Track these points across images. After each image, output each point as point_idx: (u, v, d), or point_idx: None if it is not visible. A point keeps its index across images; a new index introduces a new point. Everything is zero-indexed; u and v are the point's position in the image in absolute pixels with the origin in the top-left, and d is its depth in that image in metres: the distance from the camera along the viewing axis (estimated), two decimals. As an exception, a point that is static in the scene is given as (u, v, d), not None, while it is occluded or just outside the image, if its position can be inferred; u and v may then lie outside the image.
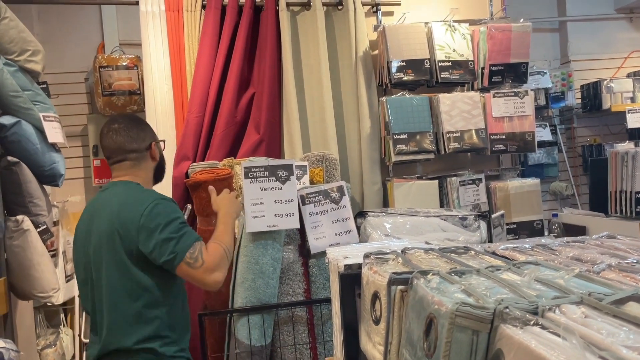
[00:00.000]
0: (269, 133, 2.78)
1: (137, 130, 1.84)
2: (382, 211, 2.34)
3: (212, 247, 1.71)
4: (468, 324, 0.61)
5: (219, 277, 1.69)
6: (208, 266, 1.65)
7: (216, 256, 1.68)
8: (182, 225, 1.69)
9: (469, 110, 2.81)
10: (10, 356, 2.06)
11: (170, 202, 1.76)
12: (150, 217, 1.66)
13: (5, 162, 2.21)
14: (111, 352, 1.68)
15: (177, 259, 1.63)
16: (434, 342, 0.66)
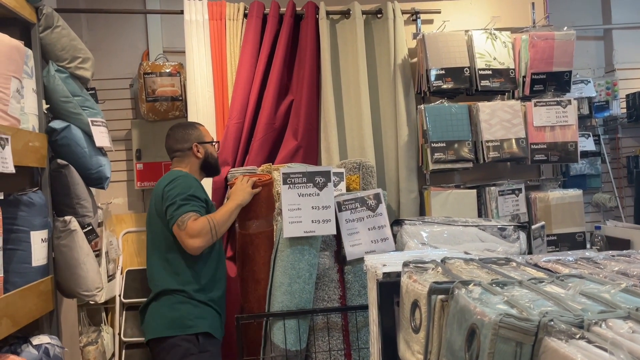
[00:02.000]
0: (306, 140, 2.81)
1: (182, 134, 2.36)
2: (418, 220, 2.33)
3: (201, 219, 2.09)
4: (512, 336, 0.61)
5: (196, 243, 2.07)
6: (188, 231, 2.06)
7: (198, 225, 2.06)
8: (190, 198, 2.12)
9: (509, 119, 2.77)
10: (55, 352, 2.14)
11: (190, 179, 2.21)
12: (169, 187, 2.16)
13: (55, 164, 2.31)
14: (157, 293, 2.17)
15: (172, 220, 2.09)
16: (476, 352, 0.66)
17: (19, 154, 1.99)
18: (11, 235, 2.06)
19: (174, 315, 2.11)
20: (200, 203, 2.16)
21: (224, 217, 2.17)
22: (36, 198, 2.16)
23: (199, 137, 2.37)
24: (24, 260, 2.09)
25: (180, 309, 2.11)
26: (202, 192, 2.23)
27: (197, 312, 2.12)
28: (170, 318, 2.11)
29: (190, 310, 2.11)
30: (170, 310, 2.12)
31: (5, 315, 1.86)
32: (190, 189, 2.16)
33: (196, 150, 2.33)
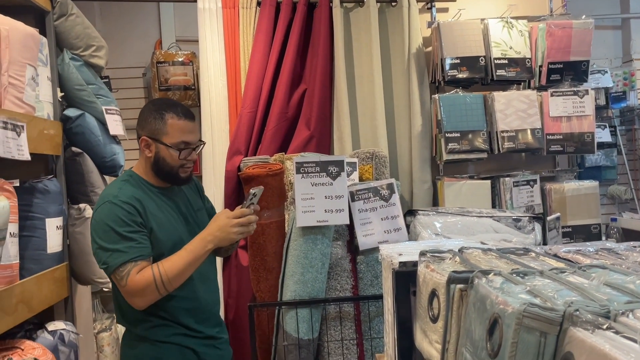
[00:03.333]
0: (319, 129, 2.80)
1: (142, 114, 1.79)
2: (432, 210, 2.32)
3: (146, 274, 1.61)
4: (536, 325, 0.60)
5: (137, 303, 1.64)
6: (128, 289, 1.61)
7: (140, 284, 1.60)
8: (118, 239, 1.62)
9: (525, 109, 2.73)
10: (70, 338, 2.17)
11: (116, 208, 1.64)
12: (93, 218, 1.70)
13: (70, 152, 2.32)
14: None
15: (106, 270, 1.64)
16: (499, 342, 0.65)
17: (34, 142, 2.00)
18: (27, 222, 2.07)
19: (130, 354, 1.77)
20: (132, 242, 1.62)
21: (180, 268, 1.63)
22: (51, 185, 2.17)
23: (155, 132, 1.72)
24: (39, 247, 2.11)
25: (137, 346, 1.74)
26: (134, 213, 1.65)
27: (151, 354, 1.72)
28: (128, 357, 1.78)
29: (144, 352, 1.73)
30: (127, 347, 1.79)
31: (21, 301, 1.89)
32: (116, 221, 1.62)
33: (143, 145, 1.74)
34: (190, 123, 1.76)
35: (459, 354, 0.81)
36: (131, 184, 1.76)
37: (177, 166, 1.75)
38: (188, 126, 1.75)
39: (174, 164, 1.74)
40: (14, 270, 1.92)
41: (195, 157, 1.79)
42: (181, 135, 1.73)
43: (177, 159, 1.73)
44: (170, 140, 1.72)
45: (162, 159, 1.74)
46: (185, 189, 1.88)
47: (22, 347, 1.93)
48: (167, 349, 1.71)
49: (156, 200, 1.76)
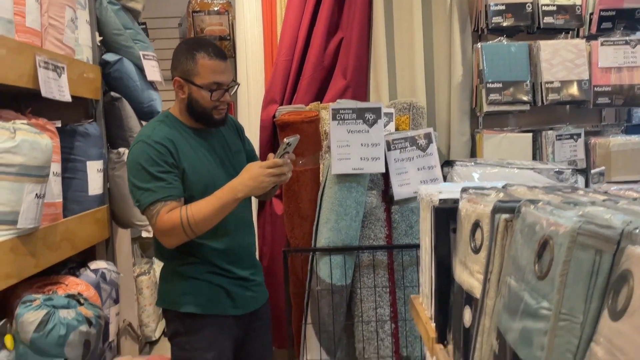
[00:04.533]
0: (355, 79, 2.74)
1: (175, 55, 1.77)
2: (470, 161, 2.26)
3: (174, 215, 1.63)
4: (591, 243, 0.57)
5: (167, 242, 1.68)
6: (157, 228, 1.66)
7: (168, 224, 1.63)
8: (149, 178, 1.64)
9: (572, 59, 2.61)
10: (111, 277, 2.24)
11: (149, 147, 1.66)
12: (128, 157, 1.73)
13: (109, 97, 2.35)
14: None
15: (139, 208, 1.69)
16: (548, 263, 0.63)
17: (74, 84, 2.02)
18: (68, 164, 2.13)
19: (166, 287, 1.83)
20: (162, 182, 1.65)
21: (207, 214, 1.63)
22: (91, 129, 2.21)
23: (187, 72, 1.70)
24: (81, 189, 2.17)
25: (172, 279, 1.81)
26: (166, 154, 1.67)
27: (184, 288, 1.77)
28: (164, 289, 1.85)
29: (177, 285, 1.78)
30: (163, 280, 1.87)
31: (64, 239, 1.95)
32: (148, 161, 1.65)
33: (176, 87, 1.75)
34: (222, 63, 1.73)
35: (502, 283, 0.79)
36: (166, 125, 1.77)
37: (210, 107, 1.73)
38: (220, 66, 1.72)
39: (206, 106, 1.73)
40: (57, 209, 1.98)
41: (229, 99, 1.76)
42: (212, 75, 1.70)
43: (209, 100, 1.71)
44: (201, 81, 1.70)
45: (195, 101, 1.73)
46: (224, 130, 1.87)
47: (66, 283, 2.01)
48: (198, 285, 1.76)
49: (190, 141, 1.77)
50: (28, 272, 1.70)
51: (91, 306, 1.83)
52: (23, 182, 1.61)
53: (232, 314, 1.80)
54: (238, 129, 1.97)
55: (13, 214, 1.60)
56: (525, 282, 0.69)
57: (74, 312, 1.73)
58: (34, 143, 1.64)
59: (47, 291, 1.88)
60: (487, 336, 0.82)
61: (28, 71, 1.74)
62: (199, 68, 1.70)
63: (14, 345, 1.64)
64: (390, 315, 2.21)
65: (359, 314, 2.21)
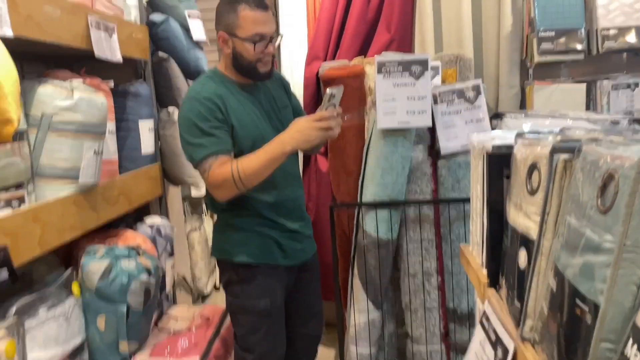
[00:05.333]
0: (400, 32, 2.69)
1: (217, 11, 1.77)
2: (521, 112, 2.20)
3: (225, 169, 1.67)
4: (660, 174, 0.56)
5: (219, 195, 1.73)
6: (210, 182, 1.72)
7: (220, 178, 1.67)
8: (199, 133, 1.68)
9: (631, 3, 2.46)
10: (166, 231, 2.34)
11: (198, 104, 1.70)
12: (179, 113, 1.78)
13: (157, 57, 2.39)
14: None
15: (193, 163, 1.75)
16: (612, 197, 0.62)
17: (123, 45, 2.07)
18: (121, 123, 2.20)
19: (220, 238, 1.90)
20: (213, 137, 1.69)
21: (256, 168, 1.66)
22: (142, 89, 2.27)
23: (229, 26, 1.71)
24: (134, 147, 2.25)
25: (225, 231, 1.88)
26: (215, 109, 1.70)
27: (237, 239, 1.83)
28: (218, 240, 1.92)
29: (230, 236, 1.85)
30: (217, 232, 1.93)
31: (121, 194, 2.04)
32: (198, 116, 1.69)
33: (221, 42, 1.76)
34: (263, 13, 1.72)
35: (560, 223, 0.79)
36: (214, 81, 1.80)
37: (255, 60, 1.74)
38: (262, 17, 1.71)
39: (250, 58, 1.73)
40: (113, 165, 2.07)
41: (272, 50, 1.76)
42: (254, 27, 1.70)
43: (253, 53, 1.72)
44: (244, 34, 1.71)
45: (239, 54, 1.74)
46: (271, 85, 1.89)
47: (125, 236, 2.12)
48: (250, 236, 1.83)
49: (238, 96, 1.79)
50: (90, 225, 1.80)
51: (149, 257, 1.93)
52: (82, 138, 1.69)
53: (283, 264, 1.87)
54: (284, 85, 1.99)
55: (74, 170, 1.68)
56: (586, 218, 0.68)
57: (134, 262, 1.83)
58: (91, 101, 1.70)
59: (109, 243, 1.99)
60: (543, 276, 0.82)
61: (81, 32, 1.79)
62: (241, 20, 1.70)
63: (81, 293, 1.75)
64: (436, 268, 2.23)
65: (405, 267, 2.23)
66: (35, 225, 1.47)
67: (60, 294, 1.61)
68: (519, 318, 0.88)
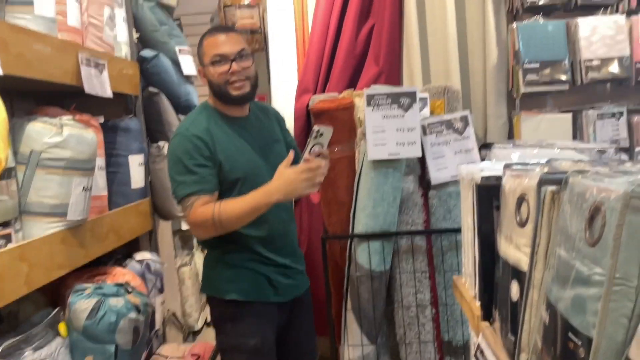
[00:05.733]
0: (388, 65, 2.73)
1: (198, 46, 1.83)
2: (509, 143, 2.23)
3: (206, 210, 1.67)
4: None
5: (196, 234, 1.82)
6: (190, 221, 1.74)
7: (200, 218, 1.69)
8: (184, 171, 1.70)
9: (612, 35, 2.52)
10: (156, 267, 2.31)
11: (186, 140, 1.72)
12: (168, 149, 1.82)
13: (147, 92, 2.41)
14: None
15: (176, 200, 1.79)
16: (600, 229, 0.62)
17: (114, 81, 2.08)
18: (111, 159, 2.19)
19: (210, 274, 1.89)
20: (196, 176, 1.70)
21: (238, 214, 1.67)
22: (132, 124, 2.28)
23: (200, 58, 1.81)
24: (124, 183, 2.24)
25: (215, 267, 1.86)
26: (202, 147, 1.71)
27: (227, 275, 1.81)
28: (208, 276, 1.91)
29: (220, 272, 1.83)
30: (207, 268, 1.92)
31: (111, 230, 2.02)
32: (185, 154, 1.70)
33: (201, 76, 1.85)
34: (222, 35, 1.77)
35: (550, 255, 0.78)
36: (204, 116, 1.82)
37: (222, 82, 1.75)
38: (220, 39, 1.76)
39: (217, 81, 1.75)
40: (103, 201, 2.05)
41: (237, 68, 1.74)
42: (214, 49, 1.75)
43: (217, 74, 1.74)
44: (207, 60, 1.77)
45: (210, 82, 1.79)
46: (263, 119, 1.91)
47: (113, 273, 2.08)
48: (241, 273, 1.81)
49: (227, 130, 1.80)
50: (78, 262, 1.77)
51: (139, 294, 1.89)
52: (71, 175, 1.67)
53: (274, 301, 1.84)
54: (279, 120, 2.01)
55: (63, 207, 1.66)
56: (575, 250, 0.68)
57: (123, 300, 1.79)
58: (80, 137, 1.70)
59: (97, 281, 1.95)
60: (535, 308, 0.82)
61: (72, 68, 1.80)
62: (204, 49, 1.78)
63: (68, 332, 1.71)
64: (430, 300, 2.21)
65: (399, 299, 2.21)
66: (22, 264, 1.44)
67: (47, 335, 1.57)
68: (513, 351, 0.87)
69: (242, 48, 1.77)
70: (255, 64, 1.83)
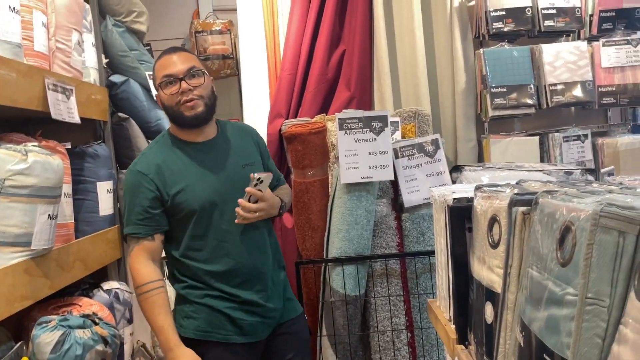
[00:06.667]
0: (360, 90, 2.76)
1: None
2: (479, 165, 2.26)
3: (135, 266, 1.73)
4: (614, 225, 0.57)
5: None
6: (129, 263, 1.78)
7: (132, 272, 1.75)
8: (129, 209, 1.72)
9: (574, 61, 2.62)
10: (124, 296, 2.24)
11: (131, 176, 1.73)
12: None
13: (117, 118, 2.37)
14: None
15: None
16: (571, 249, 0.63)
17: (82, 106, 2.04)
18: (79, 185, 2.14)
19: (175, 309, 1.82)
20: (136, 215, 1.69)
21: (148, 319, 1.72)
22: (101, 150, 2.23)
23: (154, 82, 1.78)
24: (92, 210, 2.18)
25: (178, 302, 1.81)
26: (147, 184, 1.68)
27: (185, 311, 1.73)
28: (174, 311, 1.82)
29: (181, 308, 1.76)
30: (175, 303, 1.86)
31: (77, 259, 1.95)
32: (129, 190, 1.73)
33: (159, 102, 1.79)
34: (170, 56, 1.70)
35: (523, 275, 0.79)
36: (161, 145, 1.78)
37: (174, 104, 1.68)
38: (167, 60, 1.70)
39: (169, 104, 1.69)
40: (69, 230, 1.99)
41: (187, 87, 1.66)
42: (162, 71, 1.69)
43: (167, 96, 1.68)
44: (157, 82, 1.72)
45: (163, 105, 1.73)
46: (236, 141, 1.80)
47: (80, 304, 2.01)
48: (198, 309, 1.71)
49: (184, 158, 1.72)
50: (43, 294, 1.70)
51: (106, 325, 1.83)
52: (36, 203, 1.62)
53: (240, 342, 1.70)
54: (257, 142, 1.90)
55: (27, 236, 1.60)
56: (547, 270, 0.68)
57: (89, 331, 1.72)
58: (46, 164, 1.65)
59: (62, 312, 1.88)
60: (510, 330, 0.81)
61: (38, 94, 1.76)
62: (155, 72, 1.73)
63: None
64: (405, 324, 2.19)
65: (374, 324, 2.19)
66: (-18, 296, 1.38)
67: (8, 371, 1.49)
68: (489, 375, 0.86)
69: (192, 66, 1.69)
70: (210, 82, 1.75)
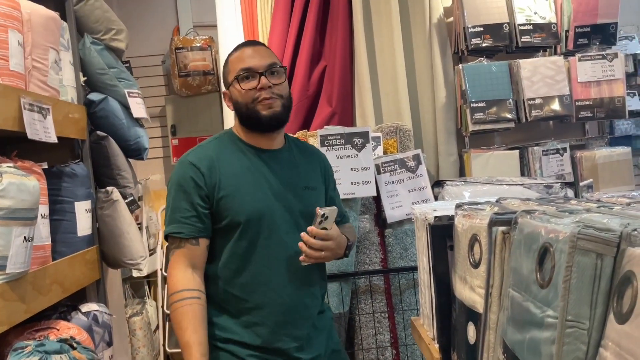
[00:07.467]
0: (341, 105, 2.77)
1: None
2: (460, 180, 2.27)
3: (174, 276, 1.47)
4: (592, 247, 0.57)
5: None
6: (167, 269, 1.53)
7: (169, 274, 1.50)
8: (174, 208, 1.48)
9: (552, 75, 2.66)
10: (104, 319, 2.19)
11: (180, 168, 1.51)
12: None
13: (95, 136, 2.33)
14: None
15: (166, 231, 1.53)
16: (550, 271, 0.62)
17: (59, 125, 2.01)
18: (56, 206, 2.09)
19: None
20: (181, 213, 1.46)
21: (177, 332, 1.44)
22: (78, 169, 2.19)
23: (225, 79, 1.57)
24: (70, 231, 2.13)
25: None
26: (197, 178, 1.46)
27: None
28: None
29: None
30: None
31: (54, 282, 1.91)
32: (176, 183, 1.50)
33: (226, 100, 1.57)
34: (249, 48, 1.52)
35: (505, 296, 0.78)
36: (220, 140, 1.56)
37: (249, 101, 1.46)
38: (247, 52, 1.50)
39: (243, 100, 1.47)
40: (46, 251, 1.94)
41: (267, 83, 1.45)
42: (239, 64, 1.48)
43: (243, 91, 1.46)
44: (232, 76, 1.50)
45: (236, 102, 1.50)
46: (301, 160, 1.59)
47: (57, 328, 1.96)
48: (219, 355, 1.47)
49: (243, 161, 1.50)
50: (18, 318, 1.65)
51: (84, 350, 1.78)
52: (11, 225, 1.58)
53: None
54: (325, 167, 1.68)
55: (1, 259, 1.56)
56: (528, 292, 0.68)
57: (67, 357, 1.68)
58: (21, 185, 1.61)
59: (39, 337, 1.83)
60: (493, 351, 0.81)
61: (13, 114, 1.72)
62: (229, 66, 1.53)
63: (5, 396, 1.58)
64: (390, 341, 2.18)
65: (359, 342, 2.17)
66: (-48, 323, 1.33)
67: (-20, 400, 1.44)
68: (472, 397, 0.86)
69: (274, 62, 1.50)
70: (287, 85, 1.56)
